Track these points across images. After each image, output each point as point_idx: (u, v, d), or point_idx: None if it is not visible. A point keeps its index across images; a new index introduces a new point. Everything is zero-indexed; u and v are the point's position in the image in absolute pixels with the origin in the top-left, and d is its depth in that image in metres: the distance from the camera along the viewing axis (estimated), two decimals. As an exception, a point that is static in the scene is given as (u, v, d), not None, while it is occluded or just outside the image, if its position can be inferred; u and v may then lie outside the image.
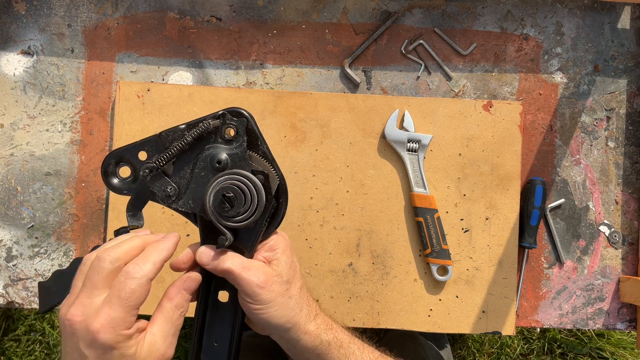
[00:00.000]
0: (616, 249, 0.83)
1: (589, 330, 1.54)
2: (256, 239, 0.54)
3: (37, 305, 0.79)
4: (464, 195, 0.80)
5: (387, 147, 0.80)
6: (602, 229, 0.83)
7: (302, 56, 0.82)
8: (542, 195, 0.79)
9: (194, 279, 0.51)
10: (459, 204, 0.80)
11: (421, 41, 0.82)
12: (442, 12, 0.83)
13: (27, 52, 0.80)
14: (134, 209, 0.54)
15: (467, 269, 0.79)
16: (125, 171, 0.55)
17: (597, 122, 0.84)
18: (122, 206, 0.77)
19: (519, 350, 1.57)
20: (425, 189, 0.78)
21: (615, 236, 0.83)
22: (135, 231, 0.53)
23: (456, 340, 1.57)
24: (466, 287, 0.79)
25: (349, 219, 0.79)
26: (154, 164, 0.52)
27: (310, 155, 0.79)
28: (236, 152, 0.52)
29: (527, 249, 0.81)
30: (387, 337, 1.21)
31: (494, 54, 0.83)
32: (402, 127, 0.79)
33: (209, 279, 0.55)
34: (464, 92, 0.83)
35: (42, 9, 0.80)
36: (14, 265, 0.79)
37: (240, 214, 0.51)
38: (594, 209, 0.83)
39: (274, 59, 0.82)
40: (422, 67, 0.83)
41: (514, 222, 0.80)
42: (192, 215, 0.54)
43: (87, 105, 0.80)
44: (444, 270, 0.78)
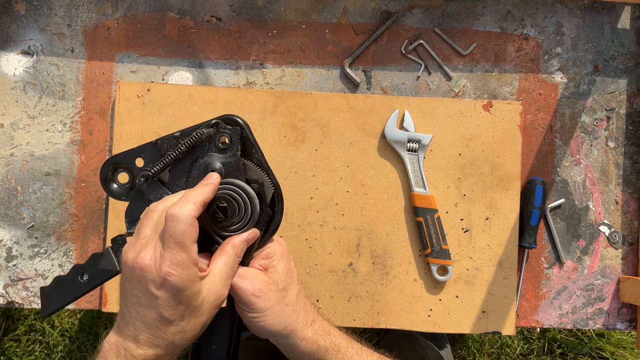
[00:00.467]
0: (616, 249, 0.83)
1: (589, 330, 1.54)
2: (252, 247, 0.54)
3: (37, 305, 0.79)
4: (464, 195, 0.80)
5: (387, 147, 0.80)
6: (602, 229, 0.83)
7: (302, 56, 0.82)
8: (542, 195, 0.79)
9: (256, 234, 0.54)
10: (459, 204, 0.80)
11: (421, 41, 0.82)
12: (442, 12, 0.83)
13: (27, 52, 0.80)
14: (132, 215, 0.55)
15: (467, 269, 0.79)
16: (123, 177, 0.55)
17: (597, 122, 0.84)
18: (122, 206, 0.77)
19: (519, 350, 1.57)
20: (425, 189, 0.78)
21: (615, 236, 0.83)
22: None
23: (456, 340, 1.57)
24: (466, 287, 0.79)
25: (349, 219, 0.79)
26: (149, 172, 0.53)
27: (310, 155, 0.79)
28: (230, 161, 0.52)
29: (527, 249, 0.81)
30: (387, 337, 1.21)
31: (494, 54, 0.83)
32: (402, 127, 0.79)
33: None
34: (464, 92, 0.83)
35: (42, 9, 0.80)
36: (14, 265, 0.79)
37: (234, 223, 0.52)
38: (594, 209, 0.83)
39: (274, 59, 0.82)
40: (422, 67, 0.83)
41: (514, 222, 0.80)
42: None
43: (87, 105, 0.80)
44: (444, 270, 0.78)
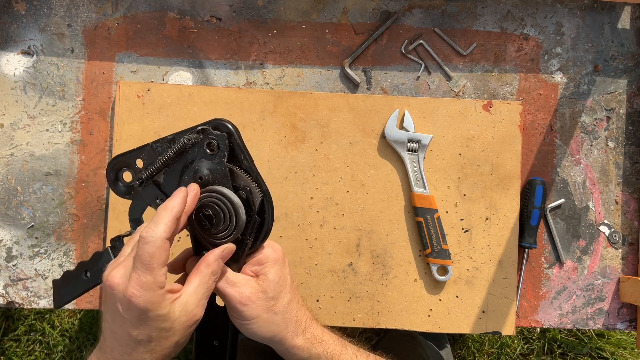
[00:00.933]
0: (616, 249, 0.83)
1: (589, 330, 1.54)
2: (242, 253, 0.54)
3: (38, 305, 0.79)
4: (464, 195, 0.80)
5: (387, 147, 0.80)
6: (602, 229, 0.83)
7: (302, 56, 0.82)
8: (542, 195, 0.79)
9: (231, 249, 0.53)
10: (459, 204, 0.80)
11: (421, 41, 0.82)
12: (442, 12, 0.83)
13: (27, 52, 0.80)
14: (133, 214, 0.55)
15: (467, 269, 0.79)
16: (128, 176, 0.56)
17: (597, 122, 0.84)
18: (121, 206, 0.77)
19: (519, 350, 1.57)
20: (425, 189, 0.78)
21: (615, 236, 0.83)
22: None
23: (456, 340, 1.57)
24: (466, 287, 0.79)
25: (349, 219, 0.79)
26: (144, 175, 0.53)
27: (310, 155, 0.79)
28: (217, 168, 0.52)
29: (527, 249, 0.81)
30: (387, 337, 1.21)
31: (494, 54, 0.83)
32: (402, 127, 0.79)
33: None
34: (464, 92, 0.83)
35: (42, 9, 0.80)
36: (14, 265, 0.79)
37: (220, 231, 0.52)
38: (594, 209, 0.83)
39: (274, 59, 0.82)
40: (422, 67, 0.83)
41: (514, 222, 0.80)
42: None
43: (87, 105, 0.80)
44: (444, 270, 0.78)
